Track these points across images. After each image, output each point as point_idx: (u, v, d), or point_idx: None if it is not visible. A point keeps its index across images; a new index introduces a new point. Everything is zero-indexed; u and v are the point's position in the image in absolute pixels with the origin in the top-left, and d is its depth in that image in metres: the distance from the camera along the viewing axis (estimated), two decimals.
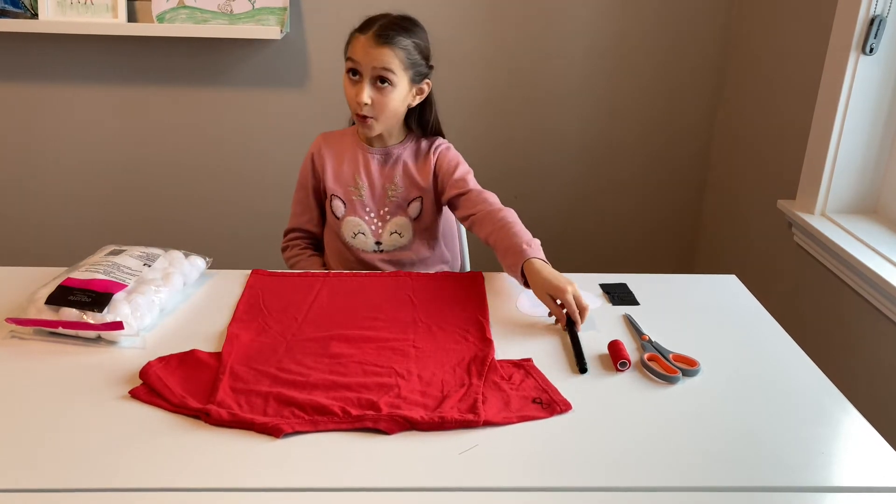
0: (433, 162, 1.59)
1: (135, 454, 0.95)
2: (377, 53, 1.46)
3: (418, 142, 1.62)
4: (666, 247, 2.73)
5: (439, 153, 1.60)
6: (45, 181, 2.54)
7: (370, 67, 1.47)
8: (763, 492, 0.93)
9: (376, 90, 1.48)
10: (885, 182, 1.88)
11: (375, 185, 1.59)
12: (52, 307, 1.21)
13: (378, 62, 1.46)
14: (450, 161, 1.60)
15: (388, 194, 1.59)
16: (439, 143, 1.62)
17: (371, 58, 1.46)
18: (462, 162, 1.61)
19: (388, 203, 1.59)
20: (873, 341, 1.69)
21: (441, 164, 1.60)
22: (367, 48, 1.46)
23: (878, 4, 1.74)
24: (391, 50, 1.46)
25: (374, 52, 1.46)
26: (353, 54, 1.48)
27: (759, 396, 1.12)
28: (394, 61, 1.47)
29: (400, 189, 1.59)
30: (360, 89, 1.48)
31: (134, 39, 2.36)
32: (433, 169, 1.59)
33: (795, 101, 2.04)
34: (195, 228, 2.60)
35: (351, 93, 1.50)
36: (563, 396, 1.09)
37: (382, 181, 1.59)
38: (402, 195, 1.59)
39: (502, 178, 2.57)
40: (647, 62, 2.48)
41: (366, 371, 1.14)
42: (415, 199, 1.60)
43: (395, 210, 1.60)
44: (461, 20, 2.35)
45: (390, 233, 1.60)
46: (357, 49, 1.48)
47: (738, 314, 1.37)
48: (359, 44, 1.48)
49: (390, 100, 1.49)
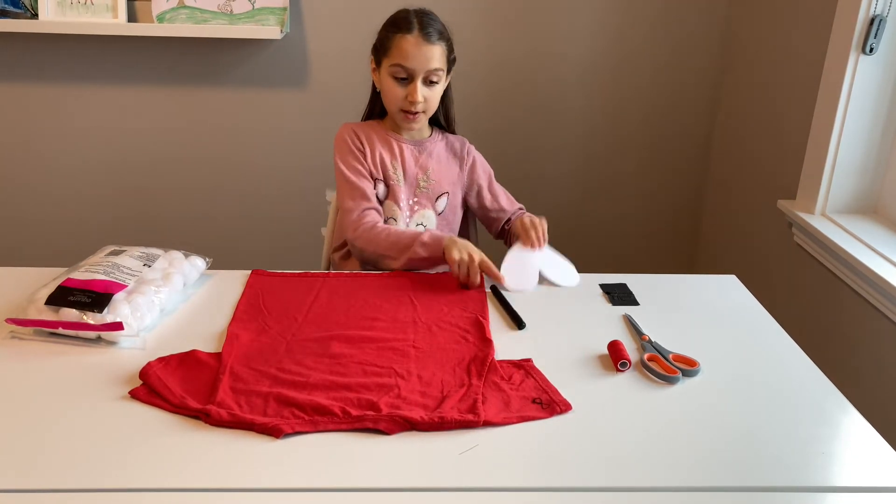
0: (468, 167, 1.66)
1: (135, 454, 0.95)
2: (430, 53, 1.49)
3: (446, 137, 1.67)
4: (666, 247, 2.73)
5: (472, 158, 1.68)
6: (44, 181, 2.54)
7: (424, 69, 1.49)
8: (763, 492, 0.93)
9: (427, 88, 1.52)
10: (885, 182, 1.88)
11: (409, 175, 1.61)
12: (52, 307, 1.21)
13: (432, 63, 1.50)
14: (486, 172, 1.70)
15: (419, 185, 1.61)
16: (469, 147, 1.69)
17: (425, 59, 1.49)
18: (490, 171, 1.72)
19: (419, 194, 1.62)
20: (873, 341, 1.69)
21: (476, 173, 1.68)
22: (418, 49, 1.48)
23: (878, 4, 1.74)
24: (439, 48, 1.50)
25: (427, 53, 1.49)
26: (404, 59, 1.48)
27: (759, 396, 1.12)
28: (441, 58, 1.52)
29: (432, 182, 1.62)
30: (414, 90, 1.50)
31: (134, 39, 2.36)
32: (468, 175, 1.66)
33: (795, 102, 2.04)
34: (195, 228, 2.60)
35: (399, 93, 1.52)
36: (563, 397, 1.09)
37: (416, 172, 1.61)
38: (433, 188, 1.62)
39: (502, 177, 2.55)
40: (647, 62, 2.48)
41: (366, 371, 1.14)
42: (443, 194, 1.63)
43: (424, 202, 1.62)
44: (461, 20, 2.35)
45: (416, 224, 1.61)
46: (408, 51, 1.48)
47: (738, 314, 1.37)
48: (408, 45, 1.48)
49: (436, 95, 1.54)
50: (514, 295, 1.40)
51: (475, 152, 1.69)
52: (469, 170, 1.66)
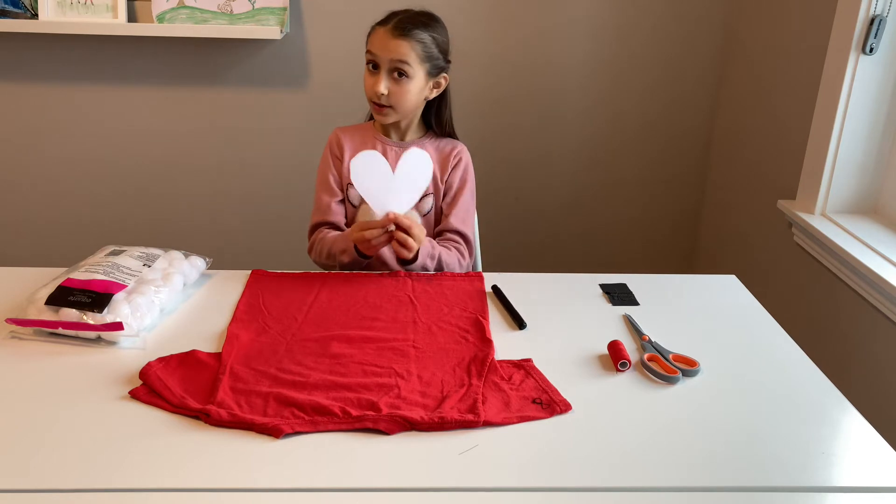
0: (449, 169, 1.63)
1: (135, 454, 0.95)
2: (395, 45, 1.50)
3: (437, 141, 1.65)
4: (666, 247, 2.73)
5: (457, 162, 1.64)
6: (44, 181, 2.54)
7: (388, 59, 1.51)
8: (763, 492, 0.93)
9: (393, 81, 1.52)
10: (885, 182, 1.88)
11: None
12: (52, 307, 1.21)
13: (395, 54, 1.50)
14: (462, 180, 1.63)
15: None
16: (460, 151, 1.65)
17: (389, 50, 1.51)
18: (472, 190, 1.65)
19: None
20: (873, 341, 1.69)
21: (453, 176, 1.63)
22: (386, 40, 1.51)
23: (878, 4, 1.74)
24: (408, 42, 1.51)
25: (391, 45, 1.50)
26: (372, 46, 1.53)
27: (759, 396, 1.12)
28: (410, 54, 1.51)
29: None
30: (378, 80, 1.52)
31: (134, 39, 2.36)
32: (448, 176, 1.63)
33: (795, 102, 2.04)
34: (195, 228, 2.60)
35: (369, 83, 1.54)
36: (563, 397, 1.09)
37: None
38: None
39: (503, 178, 2.57)
40: (647, 62, 2.48)
41: (366, 371, 1.14)
42: (428, 195, 1.62)
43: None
44: (461, 20, 2.35)
45: None
46: (376, 41, 1.53)
47: (738, 314, 1.37)
48: (378, 36, 1.52)
49: (406, 91, 1.53)
50: (515, 295, 1.40)
51: (464, 158, 1.64)
52: (451, 171, 1.63)
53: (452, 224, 1.61)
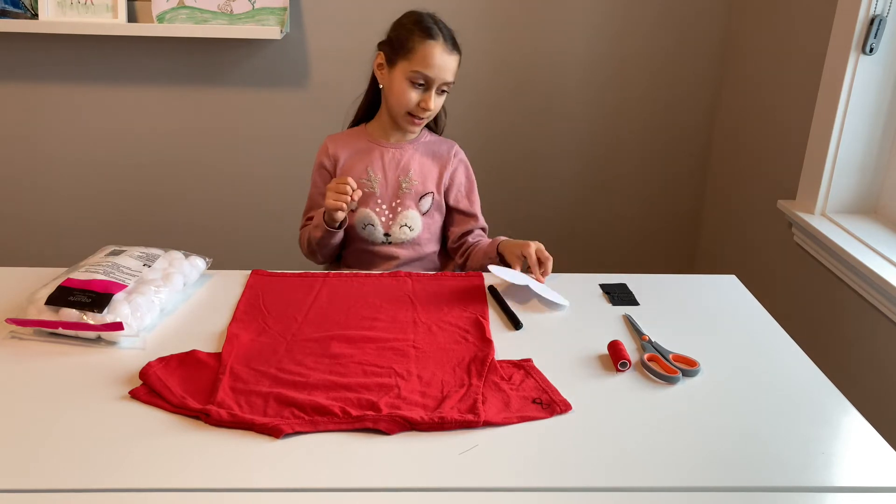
0: (451, 168, 1.65)
1: (135, 454, 0.95)
2: (451, 64, 1.51)
3: (429, 138, 1.67)
4: (666, 247, 2.73)
5: (458, 161, 1.67)
6: (44, 181, 2.54)
7: (443, 79, 1.51)
8: (763, 492, 0.93)
9: (439, 97, 1.54)
10: (885, 182, 1.88)
11: (388, 178, 1.62)
12: (52, 308, 1.21)
13: (451, 73, 1.52)
14: (469, 178, 1.68)
15: (401, 187, 1.62)
16: (457, 150, 1.67)
17: (447, 70, 1.50)
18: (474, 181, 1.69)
19: (402, 195, 1.62)
20: (873, 341, 1.69)
21: (457, 175, 1.66)
22: (444, 59, 1.49)
23: (878, 4, 1.74)
24: (457, 58, 1.53)
25: (449, 63, 1.51)
26: (428, 67, 1.48)
27: (759, 396, 1.12)
28: (456, 70, 1.54)
29: (415, 183, 1.62)
30: (429, 98, 1.51)
31: (134, 39, 2.36)
32: (450, 175, 1.65)
33: (795, 102, 2.04)
34: (195, 228, 2.60)
35: (413, 98, 1.51)
36: (563, 396, 1.09)
37: (396, 174, 1.62)
38: (416, 189, 1.62)
39: (503, 177, 2.57)
40: (647, 62, 2.48)
41: (366, 371, 1.14)
42: (427, 195, 1.63)
43: (408, 203, 1.62)
44: (461, 20, 2.35)
45: (400, 225, 1.62)
46: (433, 60, 1.48)
47: (738, 314, 1.37)
48: (435, 54, 1.48)
49: (441, 103, 1.56)
50: (515, 294, 1.40)
51: (462, 157, 1.68)
52: (452, 172, 1.65)
53: (481, 221, 1.68)
